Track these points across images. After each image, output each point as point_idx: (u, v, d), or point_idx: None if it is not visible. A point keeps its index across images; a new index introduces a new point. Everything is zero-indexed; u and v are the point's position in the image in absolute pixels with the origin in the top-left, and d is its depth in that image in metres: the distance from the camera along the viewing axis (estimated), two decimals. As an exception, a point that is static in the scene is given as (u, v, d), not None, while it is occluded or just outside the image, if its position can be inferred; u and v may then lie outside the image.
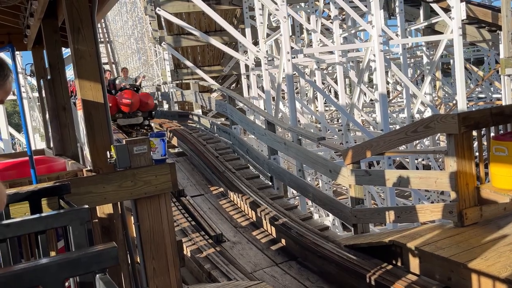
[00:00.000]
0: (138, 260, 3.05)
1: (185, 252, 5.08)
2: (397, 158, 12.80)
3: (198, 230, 5.87)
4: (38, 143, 15.28)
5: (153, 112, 12.69)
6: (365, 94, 13.75)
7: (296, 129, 7.88)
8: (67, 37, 3.02)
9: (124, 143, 2.93)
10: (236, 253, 5.26)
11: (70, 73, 11.25)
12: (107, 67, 28.03)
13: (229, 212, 6.82)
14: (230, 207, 6.87)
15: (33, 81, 12.61)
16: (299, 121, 12.53)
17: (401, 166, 13.45)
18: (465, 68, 12.39)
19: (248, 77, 14.10)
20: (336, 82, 13.64)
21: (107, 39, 32.91)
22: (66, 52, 6.28)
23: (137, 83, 13.03)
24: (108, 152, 2.91)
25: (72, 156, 4.55)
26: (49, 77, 4.67)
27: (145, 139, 2.98)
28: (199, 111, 13.50)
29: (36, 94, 13.59)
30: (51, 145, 4.97)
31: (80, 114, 3.18)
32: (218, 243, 5.57)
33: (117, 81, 12.83)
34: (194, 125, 12.55)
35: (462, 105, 9.92)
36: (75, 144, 4.71)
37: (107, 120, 3.06)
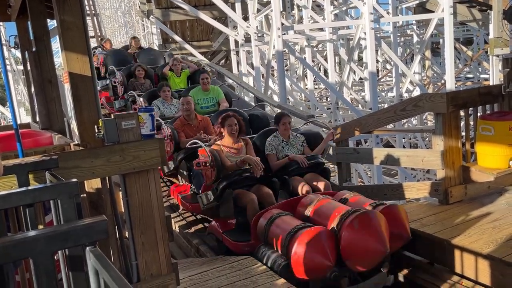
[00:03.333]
0: (127, 235, 3.06)
1: (173, 228, 5.11)
2: (384, 137, 12.90)
3: (187, 206, 5.88)
4: (23, 117, 15.06)
5: None
6: (354, 72, 13.72)
7: (285, 106, 7.86)
8: (52, 7, 2.94)
9: (112, 117, 2.89)
10: (224, 228, 5.30)
11: (56, 45, 10.98)
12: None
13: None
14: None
15: (18, 53, 12.32)
16: (288, 98, 12.49)
17: (388, 145, 13.57)
18: (454, 48, 12.39)
19: (237, 53, 13.95)
20: (326, 59, 13.57)
21: (93, 12, 32.10)
22: (52, 24, 6.13)
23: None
24: (96, 127, 2.87)
25: (58, 130, 4.49)
26: (34, 49, 4.56)
27: (133, 114, 2.95)
28: (187, 87, 13.36)
29: (21, 67, 13.31)
30: (37, 119, 4.89)
31: (67, 87, 3.12)
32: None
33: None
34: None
35: (450, 84, 9.97)
36: (61, 118, 4.65)
37: (94, 93, 3.01)
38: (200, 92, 6.54)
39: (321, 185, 4.26)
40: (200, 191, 4.50)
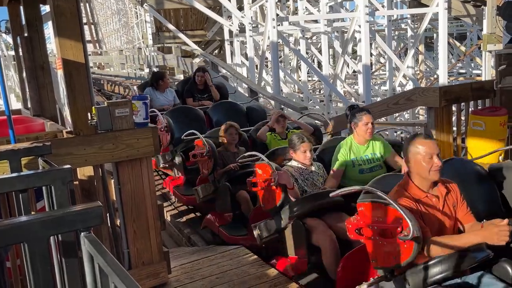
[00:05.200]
0: (119, 223, 3.06)
1: (165, 217, 5.11)
2: (376, 131, 12.96)
3: (179, 195, 5.88)
4: (14, 104, 14.88)
5: None
6: (348, 65, 13.73)
7: (279, 98, 7.87)
8: (46, -8, 2.91)
9: (106, 105, 2.88)
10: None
11: (47, 31, 10.84)
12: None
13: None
14: (211, 174, 6.89)
15: (8, 38, 12.14)
16: (282, 90, 12.49)
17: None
18: (448, 43, 12.44)
19: (231, 43, 13.89)
20: (320, 52, 13.56)
21: (86, -2, 31.69)
22: (44, 9, 6.04)
23: None
24: (89, 114, 2.86)
25: (50, 117, 4.45)
26: (26, 35, 4.50)
27: (127, 102, 2.93)
28: (180, 76, 13.29)
29: (12, 53, 13.11)
30: (29, 105, 4.85)
31: (60, 74, 3.09)
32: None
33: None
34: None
35: (443, 79, 10.02)
36: (53, 105, 4.61)
37: (88, 80, 2.98)
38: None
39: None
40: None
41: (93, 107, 2.86)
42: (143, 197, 2.97)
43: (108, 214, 3.03)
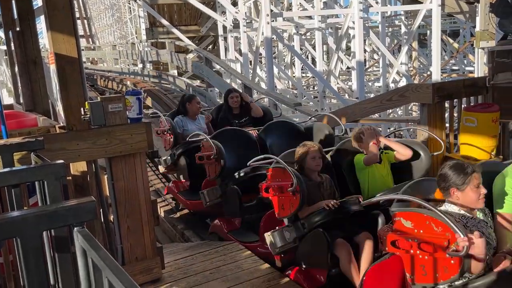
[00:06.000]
0: (112, 219, 3.05)
1: (159, 212, 5.10)
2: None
3: (172, 191, 5.87)
4: (6, 99, 14.75)
5: None
6: (342, 61, 13.75)
7: (273, 94, 7.87)
8: (38, -14, 2.88)
9: (99, 100, 2.87)
10: (210, 214, 5.31)
11: (39, 26, 10.74)
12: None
13: (203, 174, 6.83)
14: (205, 169, 6.88)
15: (0, 33, 12.00)
16: (275, 86, 12.49)
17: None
18: (441, 39, 12.50)
19: (225, 39, 13.85)
20: (314, 48, 13.56)
21: (79, -7, 31.44)
22: (36, 3, 5.99)
23: None
24: (82, 109, 2.84)
25: (43, 112, 4.42)
26: (18, 29, 4.47)
27: (120, 97, 2.92)
28: (174, 72, 13.26)
29: (4, 47, 12.99)
30: (21, 100, 4.81)
31: (52, 68, 3.07)
32: (192, 204, 5.59)
33: None
34: (169, 86, 12.34)
35: (436, 76, 10.07)
36: (46, 99, 4.58)
37: (81, 75, 2.97)
38: None
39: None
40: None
41: (86, 102, 2.85)
42: (136, 193, 2.96)
43: (101, 210, 3.03)
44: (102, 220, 3.04)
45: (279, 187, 2.92)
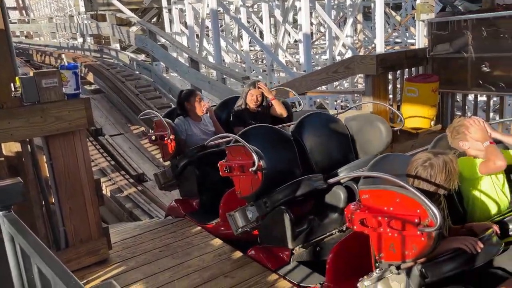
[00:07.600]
0: (53, 201, 2.91)
1: (104, 192, 4.94)
2: (317, 100, 13.20)
3: (118, 169, 5.71)
4: None
5: None
6: (289, 34, 13.74)
7: (221, 67, 7.76)
8: None
9: (32, 75, 2.67)
10: (159, 192, 5.22)
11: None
12: None
13: (151, 152, 6.68)
14: (152, 147, 6.73)
15: None
16: (223, 60, 12.30)
17: (321, 107, 13.91)
18: (384, 12, 12.75)
19: (170, 11, 13.40)
20: (261, 21, 13.43)
21: (8, -40, 29.06)
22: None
23: None
24: (12, 85, 2.64)
25: (-30, 89, 4.08)
26: None
27: (55, 72, 2.74)
28: (117, 46, 12.70)
29: None
30: None
31: (-24, 41, 2.81)
32: (140, 183, 5.47)
33: None
34: (111, 60, 11.83)
35: (380, 48, 10.30)
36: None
37: (9, 48, 2.74)
38: None
39: None
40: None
41: (16, 78, 2.65)
42: (77, 172, 2.83)
43: (40, 192, 2.87)
44: (43, 202, 2.89)
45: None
